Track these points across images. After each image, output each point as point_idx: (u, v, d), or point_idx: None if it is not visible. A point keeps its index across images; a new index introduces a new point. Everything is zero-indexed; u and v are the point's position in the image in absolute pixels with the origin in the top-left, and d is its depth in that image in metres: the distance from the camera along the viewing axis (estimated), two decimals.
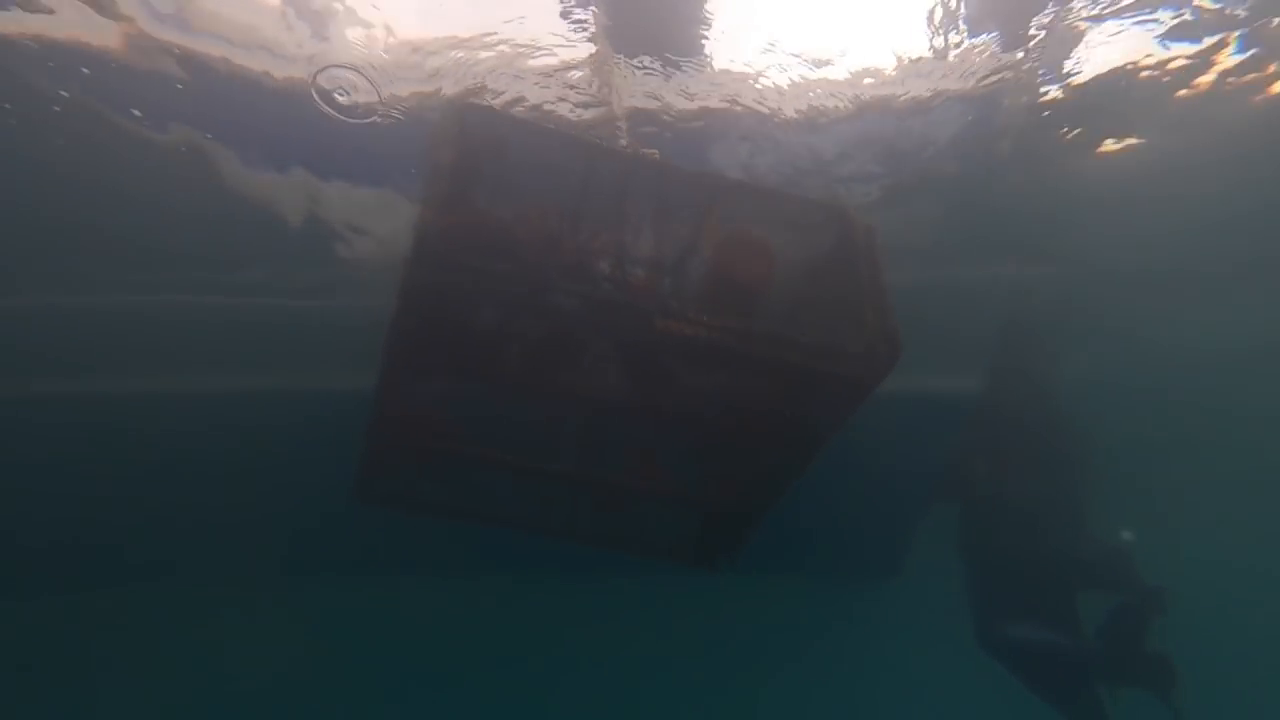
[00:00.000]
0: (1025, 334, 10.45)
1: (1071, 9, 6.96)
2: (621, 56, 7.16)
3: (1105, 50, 7.28)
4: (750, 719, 16.61)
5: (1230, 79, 7.40)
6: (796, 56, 7.40)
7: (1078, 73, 7.52)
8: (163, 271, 8.43)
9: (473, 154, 4.14)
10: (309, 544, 9.82)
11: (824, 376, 4.02)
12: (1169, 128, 7.93)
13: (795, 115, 7.92)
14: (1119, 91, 7.61)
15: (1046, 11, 6.98)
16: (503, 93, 7.44)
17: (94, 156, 7.43)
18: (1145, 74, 7.48)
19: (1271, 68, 7.25)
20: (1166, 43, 7.21)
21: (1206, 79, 7.44)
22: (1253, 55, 7.16)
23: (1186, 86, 7.54)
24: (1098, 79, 7.50)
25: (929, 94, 7.69)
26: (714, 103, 7.79)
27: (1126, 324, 10.42)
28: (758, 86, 7.66)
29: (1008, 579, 10.89)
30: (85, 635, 12.15)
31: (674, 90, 7.54)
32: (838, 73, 7.55)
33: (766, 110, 7.80)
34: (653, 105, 7.64)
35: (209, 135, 7.48)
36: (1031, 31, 7.19)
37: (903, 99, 7.73)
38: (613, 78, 7.34)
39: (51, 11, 6.37)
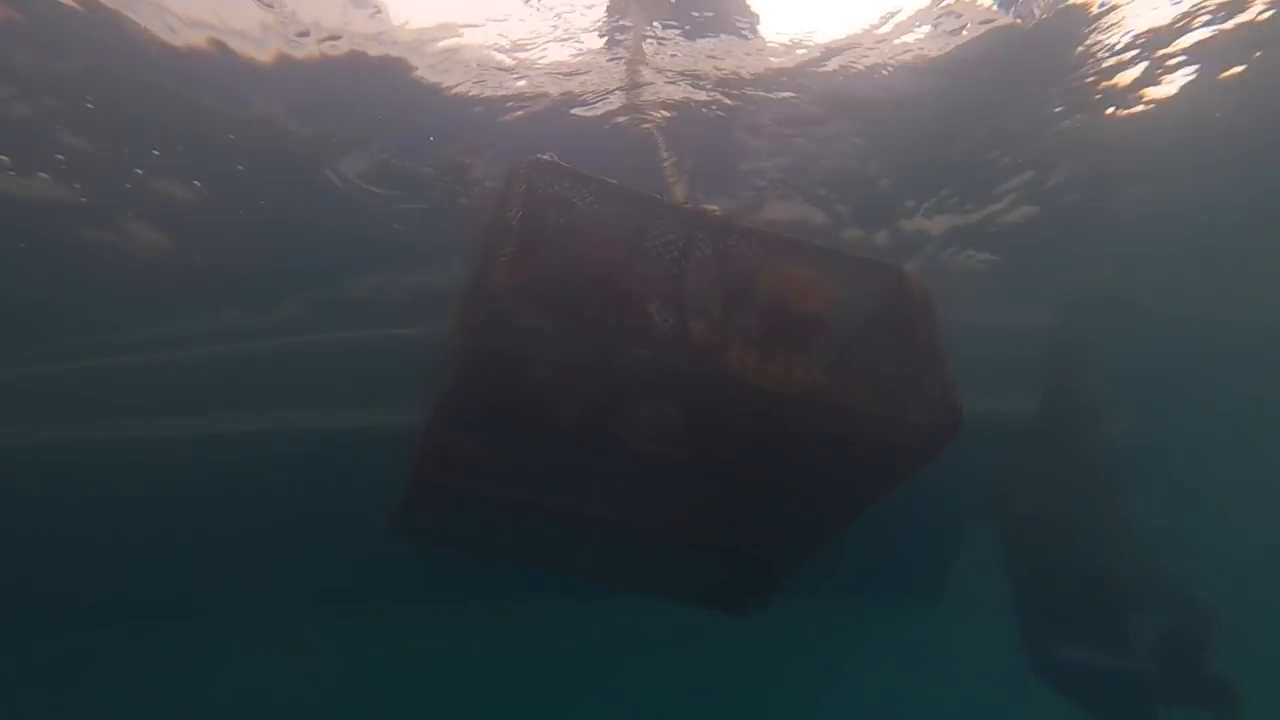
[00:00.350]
0: (1072, 353, 10.29)
1: None
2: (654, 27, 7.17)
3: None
4: None
5: None
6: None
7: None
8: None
9: (539, 211, 4.20)
10: (347, 574, 10.08)
11: (882, 446, 4.02)
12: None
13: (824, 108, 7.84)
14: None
15: None
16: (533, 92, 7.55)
17: None
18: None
19: None
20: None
21: None
22: None
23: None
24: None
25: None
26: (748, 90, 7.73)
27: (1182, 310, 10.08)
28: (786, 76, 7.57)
29: (1058, 601, 10.72)
30: (140, 667, 12.52)
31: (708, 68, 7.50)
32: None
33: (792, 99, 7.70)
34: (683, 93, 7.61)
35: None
36: None
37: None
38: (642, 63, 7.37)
39: None
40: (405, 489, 4.96)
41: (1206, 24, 7.06)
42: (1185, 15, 7.03)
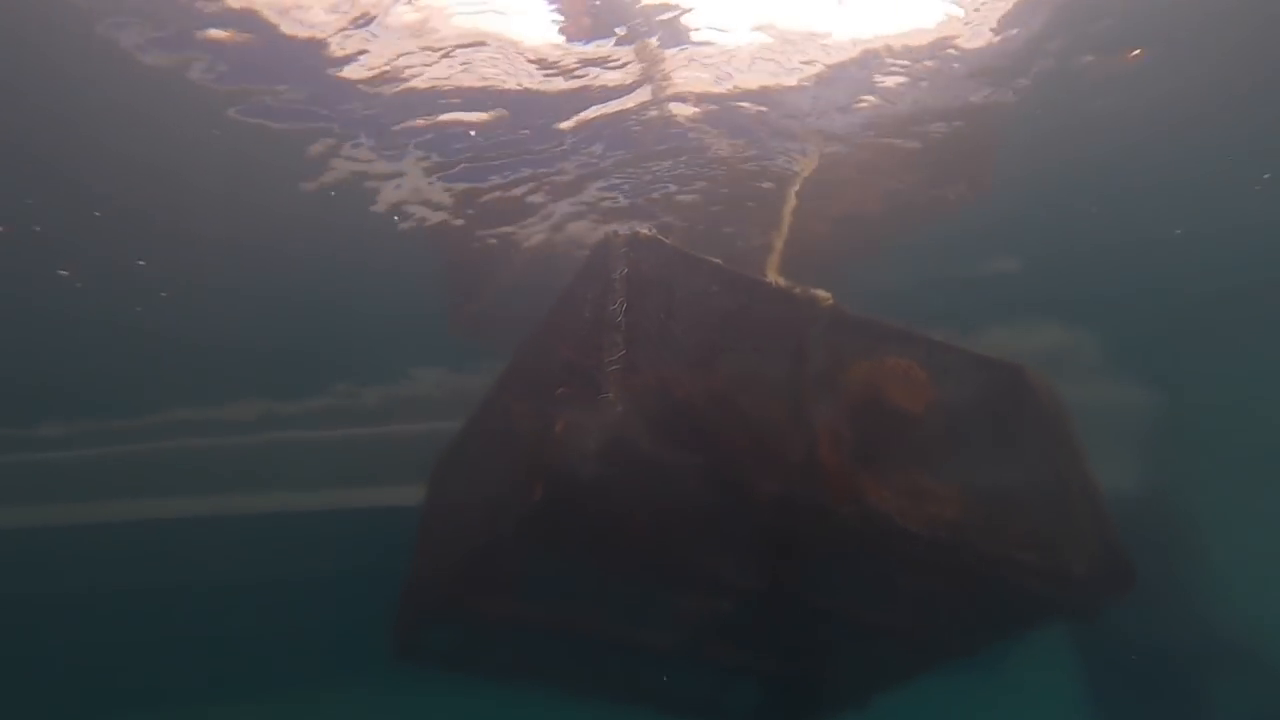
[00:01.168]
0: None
1: None
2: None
3: None
4: None
5: None
6: None
7: None
8: None
9: (641, 299, 3.37)
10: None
11: (1037, 598, 3.47)
12: None
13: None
14: None
15: None
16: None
17: None
18: None
19: None
20: None
21: None
22: None
23: None
24: None
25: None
26: None
27: None
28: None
29: (1137, 675, 10.24)
30: None
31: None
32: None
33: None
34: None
35: None
36: None
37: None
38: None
39: None
40: (416, 609, 4.09)
41: None
42: None
